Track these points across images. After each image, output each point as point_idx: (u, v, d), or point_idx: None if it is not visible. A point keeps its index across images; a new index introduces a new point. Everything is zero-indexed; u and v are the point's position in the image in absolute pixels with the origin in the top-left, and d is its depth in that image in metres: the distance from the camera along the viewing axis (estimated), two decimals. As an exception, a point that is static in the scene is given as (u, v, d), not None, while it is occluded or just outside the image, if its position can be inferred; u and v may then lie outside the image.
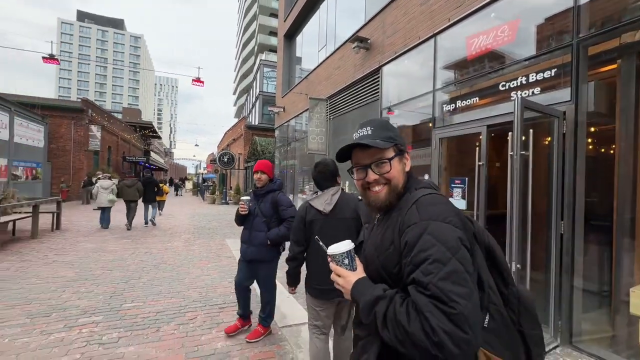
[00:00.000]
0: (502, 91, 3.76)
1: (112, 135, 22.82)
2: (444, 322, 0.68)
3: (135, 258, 5.77)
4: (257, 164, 2.88)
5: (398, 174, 0.97)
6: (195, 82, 10.33)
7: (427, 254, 0.76)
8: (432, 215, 0.82)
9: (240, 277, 2.94)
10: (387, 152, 0.97)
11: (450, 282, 0.71)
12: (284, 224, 2.82)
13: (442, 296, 0.70)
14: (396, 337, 0.75)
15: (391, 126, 1.04)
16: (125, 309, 3.52)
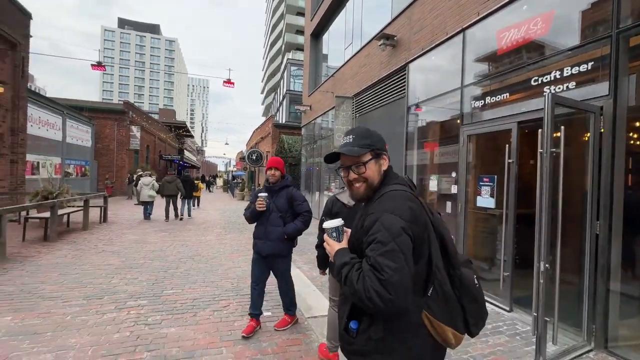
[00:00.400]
0: (534, 86, 3.64)
1: (150, 135, 24.29)
2: (375, 284, 0.96)
3: (173, 250, 6.21)
4: (270, 160, 2.96)
5: (373, 173, 1.21)
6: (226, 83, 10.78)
7: (374, 236, 1.03)
8: (387, 208, 1.08)
9: (258, 274, 2.97)
10: (364, 156, 1.20)
11: (385, 257, 0.98)
12: (300, 219, 2.91)
13: (377, 266, 0.98)
14: (350, 292, 1.03)
15: (370, 134, 1.27)
16: (166, 295, 3.85)
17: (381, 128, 7.05)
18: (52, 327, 2.94)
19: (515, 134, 3.82)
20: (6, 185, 8.98)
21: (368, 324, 1.09)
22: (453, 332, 1.10)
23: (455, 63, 4.90)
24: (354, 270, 1.04)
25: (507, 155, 3.84)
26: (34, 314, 3.20)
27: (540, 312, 2.59)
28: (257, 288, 2.96)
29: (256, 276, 2.98)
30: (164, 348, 2.66)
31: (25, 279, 4.22)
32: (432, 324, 1.08)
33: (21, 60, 9.30)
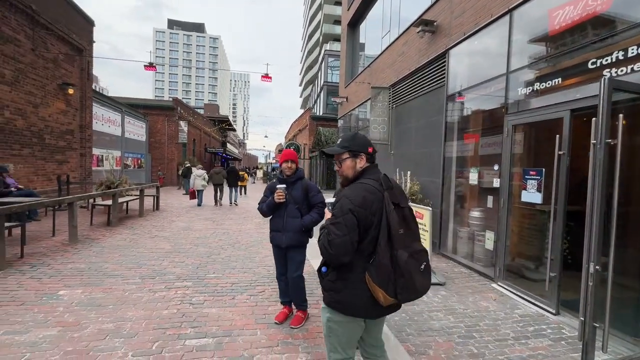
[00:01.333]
0: (592, 70, 3.28)
1: (196, 129, 25.86)
2: (325, 242, 1.52)
3: (216, 237, 6.65)
4: (287, 153, 2.95)
5: (347, 169, 1.68)
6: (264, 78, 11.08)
7: (334, 211, 1.57)
8: (346, 194, 1.56)
9: (281, 268, 3.03)
10: (342, 155, 1.69)
11: (334, 226, 1.51)
12: (315, 210, 2.92)
13: (329, 230, 1.52)
14: (320, 246, 1.57)
15: (353, 138, 1.71)
16: (209, 278, 4.17)
17: (419, 118, 6.83)
18: (113, 301, 3.36)
19: (567, 123, 3.49)
20: (77, 175, 10.21)
21: (331, 269, 1.63)
22: (383, 293, 1.49)
23: (500, 47, 4.56)
24: (324, 232, 1.57)
25: (557, 147, 3.52)
26: (99, 289, 3.67)
27: (588, 317, 2.40)
28: (284, 279, 3.05)
29: (281, 269, 3.04)
30: (205, 326, 2.92)
31: (92, 258, 4.82)
32: (369, 283, 1.52)
33: (87, 64, 10.40)
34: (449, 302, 3.79)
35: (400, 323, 3.19)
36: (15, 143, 7.75)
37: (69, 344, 2.55)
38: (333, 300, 1.60)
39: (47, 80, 8.83)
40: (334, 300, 1.60)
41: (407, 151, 7.34)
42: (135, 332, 2.76)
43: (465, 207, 5.53)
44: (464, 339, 2.96)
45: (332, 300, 1.61)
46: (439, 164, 5.95)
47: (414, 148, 7.05)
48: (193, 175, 11.50)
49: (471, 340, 2.95)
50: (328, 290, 1.63)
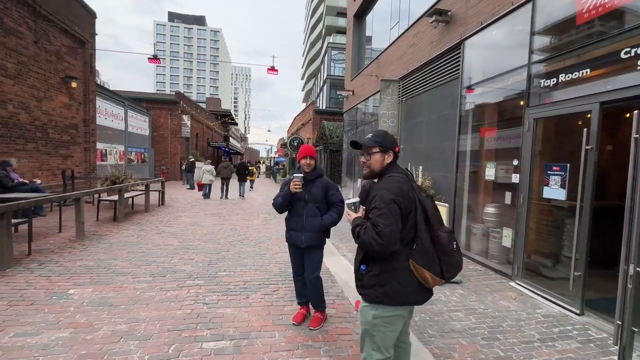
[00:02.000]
0: (625, 60, 3.10)
1: (198, 123, 25.69)
2: (373, 234, 1.53)
3: (224, 233, 6.56)
4: (305, 149, 2.80)
5: (375, 163, 1.75)
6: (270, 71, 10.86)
7: (374, 204, 1.60)
8: (383, 187, 1.63)
9: (298, 268, 2.93)
10: (373, 149, 1.75)
11: (380, 217, 1.54)
12: (334, 210, 2.82)
13: (375, 223, 1.55)
14: (359, 242, 1.63)
15: (383, 135, 1.80)
16: (221, 276, 4.08)
17: (431, 112, 6.66)
18: (125, 301, 3.27)
19: (596, 116, 3.33)
20: (82, 170, 10.12)
21: (372, 265, 1.66)
22: (430, 275, 1.59)
23: (521, 37, 4.37)
24: (362, 228, 1.61)
25: (585, 141, 3.37)
26: (110, 288, 3.59)
27: (626, 321, 2.28)
28: (301, 279, 2.95)
29: (298, 269, 2.94)
30: (221, 327, 2.82)
31: (101, 255, 4.74)
32: (415, 268, 1.60)
33: (89, 57, 10.23)
34: (468, 301, 3.69)
35: (422, 324, 3.09)
36: (19, 137, 7.65)
37: (83, 346, 2.46)
38: (380, 294, 1.63)
39: (50, 73, 8.68)
40: (381, 294, 1.63)
41: (418, 145, 7.18)
42: (149, 334, 2.66)
43: (479, 203, 5.39)
44: (489, 341, 2.86)
45: (379, 295, 1.63)
46: (453, 159, 5.80)
47: (425, 142, 6.89)
48: (202, 170, 12.26)
49: (496, 342, 2.85)
50: (372, 286, 1.65)
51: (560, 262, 4.00)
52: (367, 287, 1.67)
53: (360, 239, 1.60)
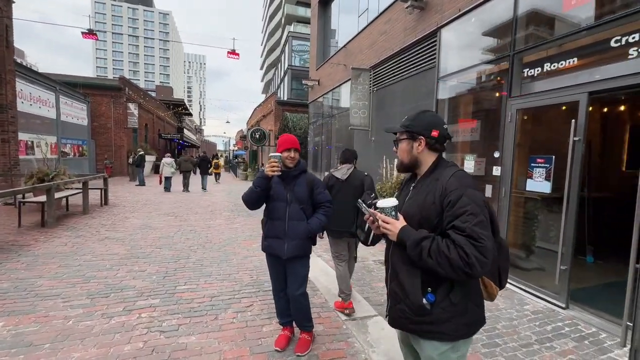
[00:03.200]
0: (615, 48, 3.02)
1: (148, 113, 23.41)
2: (474, 252, 1.10)
3: (182, 236, 5.78)
4: (288, 139, 2.29)
5: (401, 152, 1.40)
6: (231, 54, 9.93)
7: (465, 209, 1.15)
8: (468, 185, 1.22)
9: (279, 284, 2.44)
10: (400, 135, 1.41)
11: (480, 227, 1.13)
12: (322, 212, 2.38)
13: (475, 235, 1.11)
14: (437, 262, 1.14)
15: (416, 117, 1.38)
16: (180, 292, 3.42)
17: (405, 102, 6.43)
18: (52, 336, 2.51)
19: (584, 107, 3.24)
20: (-1, 166, 8.44)
21: (446, 292, 1.23)
22: (495, 287, 1.33)
23: (503, 25, 4.22)
24: (441, 242, 1.15)
25: (572, 133, 3.28)
26: (30, 318, 2.77)
27: (639, 323, 2.15)
28: (283, 295, 2.45)
29: (279, 284, 2.44)
30: (185, 364, 2.24)
31: (20, 273, 3.78)
32: (484, 282, 1.32)
33: (4, 29, 8.47)
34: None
35: (419, 335, 2.78)
36: None
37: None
38: (461, 327, 1.24)
39: (-52, 45, 6.97)
40: (462, 326, 1.24)
41: (391, 137, 6.94)
42: (85, 385, 2.00)
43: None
44: (489, 348, 2.64)
45: (460, 328, 1.24)
46: (429, 151, 5.62)
47: (398, 134, 6.67)
48: (162, 163, 12.48)
49: (497, 348, 2.64)
50: (448, 320, 1.23)
51: (543, 256, 3.98)
52: (440, 323, 1.23)
53: (440, 257, 1.13)
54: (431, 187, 1.28)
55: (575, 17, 3.41)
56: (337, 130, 10.71)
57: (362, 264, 4.62)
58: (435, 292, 1.23)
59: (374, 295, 3.57)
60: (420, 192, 1.31)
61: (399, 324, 1.34)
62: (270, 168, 2.15)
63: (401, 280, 1.30)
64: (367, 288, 3.77)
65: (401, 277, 1.31)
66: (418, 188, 1.35)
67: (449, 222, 1.17)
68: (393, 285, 1.36)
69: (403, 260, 1.29)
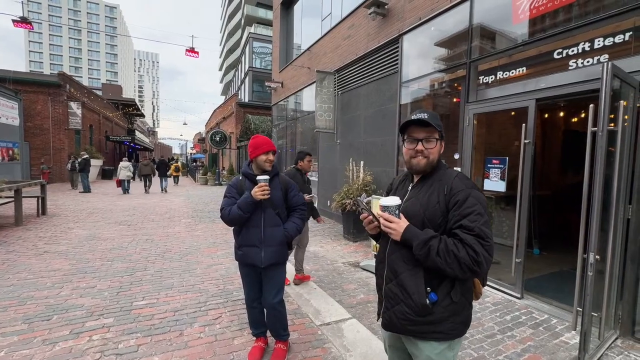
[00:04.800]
0: (557, 59, 3.35)
1: (93, 113, 21.44)
2: (483, 250, 1.13)
3: (137, 246, 5.31)
4: (264, 142, 2.17)
5: (437, 152, 1.33)
6: (190, 52, 9.40)
7: (472, 209, 1.18)
8: (472, 186, 1.26)
9: (254, 293, 2.29)
10: (436, 134, 1.31)
11: (486, 227, 1.17)
12: (297, 215, 2.30)
13: (483, 235, 1.15)
14: (446, 262, 1.14)
15: (439, 119, 1.35)
16: (138, 308, 3.11)
17: (369, 106, 6.58)
18: (-22, 372, 2.13)
19: (532, 112, 3.55)
20: None
21: (447, 290, 1.23)
22: (480, 285, 1.35)
23: (460, 34, 4.49)
24: (449, 242, 1.17)
25: (523, 135, 3.57)
26: (-53, 353, 2.33)
27: (587, 308, 2.37)
28: (258, 306, 2.34)
29: (254, 293, 2.30)
30: (147, 389, 2.02)
31: None
32: (473, 281, 1.33)
33: None
34: (426, 298, 3.59)
35: (393, 334, 2.80)
36: None
37: None
38: (458, 325, 1.26)
39: None
40: (459, 324, 1.27)
41: (356, 140, 7.07)
42: None
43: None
44: (459, 342, 2.74)
45: (457, 326, 1.26)
46: (393, 154, 5.81)
47: (363, 137, 6.80)
48: (120, 167, 12.92)
49: (465, 341, 2.75)
50: (446, 319, 1.24)
51: (498, 251, 4.26)
52: (439, 322, 1.24)
53: (449, 256, 1.14)
54: (435, 188, 1.28)
55: (523, 30, 3.72)
56: (301, 133, 10.66)
57: (332, 266, 4.60)
58: (436, 291, 1.23)
59: (346, 297, 3.56)
60: (422, 192, 1.31)
61: (397, 326, 1.30)
62: (261, 192, 2.04)
63: (402, 281, 1.28)
64: (339, 291, 3.75)
65: (402, 277, 1.28)
66: (419, 188, 1.34)
67: (456, 222, 1.19)
68: (391, 286, 1.32)
69: (405, 260, 1.27)
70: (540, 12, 3.50)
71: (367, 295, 3.62)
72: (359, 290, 3.76)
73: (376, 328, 2.87)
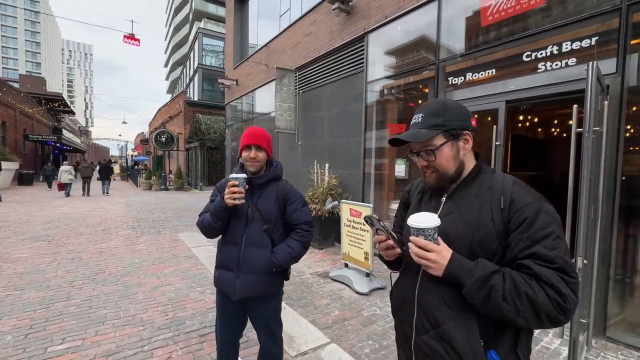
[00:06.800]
0: (526, 62, 3.36)
1: (6, 108, 18.27)
2: (569, 292, 0.79)
3: (58, 268, 4.33)
4: (248, 133, 1.68)
5: (446, 161, 0.98)
6: (129, 39, 8.21)
7: (548, 230, 0.84)
8: (540, 197, 0.90)
9: (229, 330, 1.78)
10: (435, 140, 0.97)
11: (567, 256, 0.83)
12: (296, 236, 1.72)
13: (567, 268, 0.81)
14: (516, 309, 0.81)
15: (444, 109, 0.99)
16: (55, 355, 2.37)
17: (333, 106, 6.30)
18: None
19: (502, 114, 3.54)
20: None
21: (509, 344, 0.90)
22: None
23: (428, 34, 4.42)
24: (519, 279, 0.82)
25: (494, 137, 3.54)
26: None
27: (576, 315, 2.29)
28: (232, 351, 1.83)
29: (229, 330, 1.78)
30: None
31: None
32: None
33: None
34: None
35: (373, 356, 2.48)
36: None
37: None
38: None
39: None
40: None
41: (319, 142, 6.74)
42: None
43: (388, 200, 5.35)
44: None
45: None
46: (359, 156, 5.59)
47: (327, 138, 6.51)
48: (61, 170, 12.88)
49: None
50: None
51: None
52: None
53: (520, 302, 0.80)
54: (483, 199, 0.94)
55: (492, 32, 3.72)
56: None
57: (300, 278, 4.18)
58: (496, 347, 0.88)
59: (319, 316, 3.17)
60: (465, 205, 0.96)
61: None
62: (230, 195, 1.53)
63: (446, 333, 0.90)
64: (311, 308, 3.35)
65: (447, 328, 0.90)
66: (457, 200, 0.99)
67: (524, 248, 0.85)
68: (427, 340, 0.95)
69: (448, 302, 0.91)
70: (508, 15, 3.50)
71: (342, 312, 3.28)
72: (332, 306, 3.40)
73: (359, 352, 2.54)
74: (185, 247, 5.55)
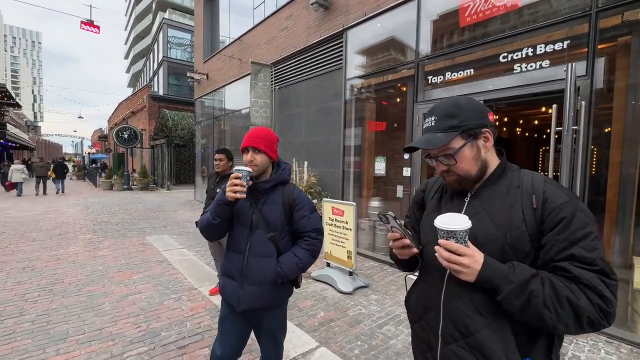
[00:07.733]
0: (503, 63, 3.48)
1: (-63, 99, 16.11)
2: (611, 295, 0.75)
3: (7, 280, 3.84)
4: (248, 135, 1.53)
5: (467, 164, 0.92)
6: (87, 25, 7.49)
7: (586, 231, 0.79)
8: (574, 195, 0.86)
9: (229, 344, 1.61)
10: (454, 143, 0.91)
11: (604, 255, 0.79)
12: (304, 245, 1.58)
13: (607, 270, 0.77)
14: (557, 315, 0.76)
15: (458, 108, 0.92)
16: (6, 382, 2.07)
17: (310, 103, 6.20)
18: None
19: (480, 113, 3.64)
20: None
21: (545, 350, 0.86)
22: None
23: (408, 33, 4.44)
24: (558, 283, 0.77)
25: (473, 136, 3.63)
26: None
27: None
28: None
29: (229, 344, 1.60)
30: None
31: None
32: None
33: None
34: (387, 307, 3.36)
35: (363, 357, 2.44)
36: None
37: None
38: None
39: None
40: None
41: (296, 139, 6.61)
42: None
43: (367, 197, 5.35)
44: None
45: None
46: (338, 154, 5.54)
47: (305, 136, 6.39)
48: (12, 169, 12.40)
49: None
50: None
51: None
52: None
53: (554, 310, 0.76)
54: (513, 198, 0.88)
55: (471, 33, 3.81)
56: (231, 131, 9.71)
57: (281, 280, 4.05)
58: (531, 354, 0.83)
59: (305, 318, 3.07)
60: (494, 204, 0.90)
61: None
62: (232, 188, 1.38)
63: (480, 343, 0.84)
64: (295, 310, 3.24)
65: (480, 337, 0.84)
66: (483, 200, 0.93)
67: (561, 250, 0.80)
68: (457, 350, 0.88)
69: (481, 309, 0.85)
70: (486, 16, 3.60)
71: (328, 312, 3.20)
72: (317, 307, 3.32)
73: (349, 354, 2.48)
74: (155, 250, 5.19)
